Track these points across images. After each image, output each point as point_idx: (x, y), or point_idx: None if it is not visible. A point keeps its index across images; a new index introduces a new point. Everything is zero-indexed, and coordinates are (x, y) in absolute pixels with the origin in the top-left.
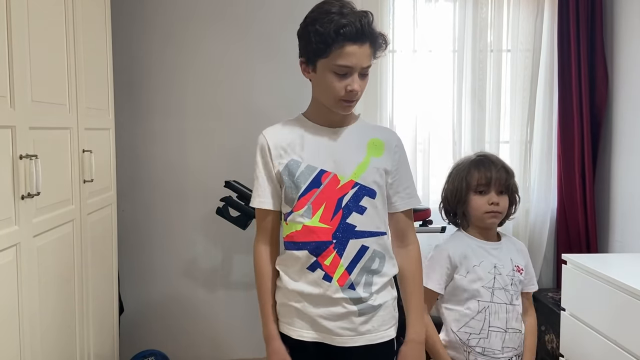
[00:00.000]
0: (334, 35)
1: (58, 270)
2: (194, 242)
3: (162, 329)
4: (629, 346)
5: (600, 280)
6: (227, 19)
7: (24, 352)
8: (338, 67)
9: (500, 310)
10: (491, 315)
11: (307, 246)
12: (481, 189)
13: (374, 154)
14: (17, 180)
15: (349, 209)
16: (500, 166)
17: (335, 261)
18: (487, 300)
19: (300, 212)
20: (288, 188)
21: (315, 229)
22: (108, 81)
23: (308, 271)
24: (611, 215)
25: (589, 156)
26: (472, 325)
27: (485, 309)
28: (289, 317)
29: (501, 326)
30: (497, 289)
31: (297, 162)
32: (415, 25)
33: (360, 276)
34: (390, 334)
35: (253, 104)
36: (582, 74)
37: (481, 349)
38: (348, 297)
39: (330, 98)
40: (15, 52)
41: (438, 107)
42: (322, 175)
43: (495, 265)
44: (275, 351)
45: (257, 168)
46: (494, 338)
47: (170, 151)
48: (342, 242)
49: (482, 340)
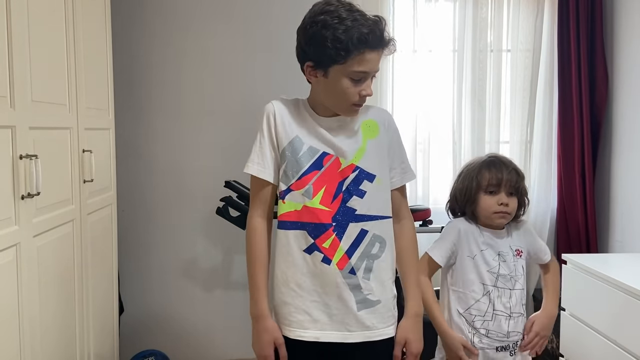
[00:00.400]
0: (357, 42)
1: (58, 270)
2: (194, 242)
3: (162, 329)
4: (629, 346)
5: (600, 280)
6: (227, 19)
7: (24, 352)
8: (355, 72)
9: (503, 294)
10: (495, 299)
11: (307, 227)
12: (491, 189)
13: (369, 135)
14: (17, 180)
15: (350, 193)
16: (511, 168)
17: (335, 244)
18: (490, 284)
19: (301, 191)
20: (289, 164)
21: (316, 210)
22: (108, 81)
23: (305, 253)
24: (611, 215)
25: (589, 156)
26: (477, 308)
27: (490, 293)
28: (285, 316)
29: (505, 310)
30: (502, 275)
31: (300, 141)
32: (415, 25)
33: (360, 261)
34: (389, 332)
35: (253, 104)
36: (582, 74)
37: (485, 330)
38: (348, 282)
39: (342, 103)
40: (15, 52)
41: (438, 107)
42: (324, 157)
43: (500, 252)
44: (266, 328)
45: (262, 135)
46: (498, 322)
47: (170, 151)
48: (342, 225)
49: (486, 323)
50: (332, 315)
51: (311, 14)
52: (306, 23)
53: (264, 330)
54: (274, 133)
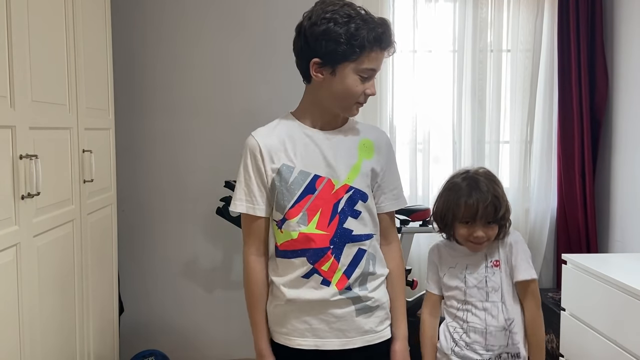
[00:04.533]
0: (372, 40)
1: (58, 270)
2: (194, 242)
3: (162, 329)
4: (629, 346)
5: (600, 280)
6: (227, 19)
7: (24, 352)
8: (365, 70)
9: (476, 307)
10: (468, 312)
11: (305, 254)
12: (467, 219)
13: (365, 155)
14: (17, 180)
15: (345, 214)
16: (489, 200)
17: (334, 266)
18: (461, 298)
19: (296, 219)
20: (280, 194)
21: (313, 236)
22: (108, 81)
23: (304, 279)
24: (611, 215)
25: (589, 156)
26: (456, 321)
27: (462, 306)
28: (286, 326)
29: (479, 323)
30: (470, 287)
31: (289, 168)
32: (415, 25)
33: (357, 279)
34: (387, 334)
35: (253, 104)
36: (582, 74)
37: (464, 343)
38: (346, 297)
39: (346, 101)
40: (15, 52)
41: (438, 107)
42: (316, 180)
43: (467, 265)
44: None
45: (246, 171)
46: (474, 334)
47: (170, 151)
48: (339, 246)
49: (464, 335)
50: (331, 323)
51: (317, 11)
52: (314, 19)
53: None
54: (262, 167)
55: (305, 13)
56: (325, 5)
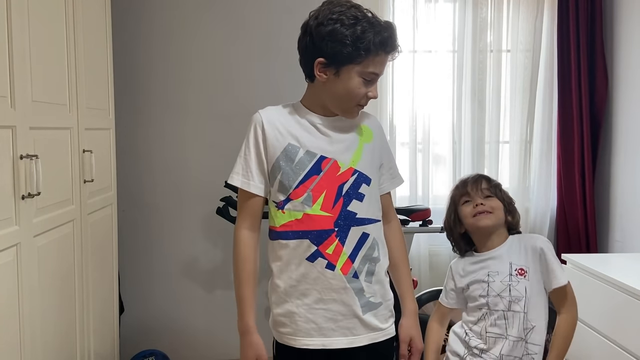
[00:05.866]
0: (378, 44)
1: (58, 270)
2: (194, 242)
3: (162, 329)
4: (629, 346)
5: (600, 280)
6: (228, 19)
7: (24, 352)
8: (369, 73)
9: (498, 316)
10: (488, 322)
11: (308, 235)
12: (465, 199)
13: (365, 140)
14: (18, 180)
15: (350, 197)
16: (478, 176)
17: (338, 249)
18: (484, 307)
19: (300, 199)
20: (285, 174)
21: (317, 217)
22: (108, 81)
23: (307, 262)
24: (611, 215)
25: (588, 156)
26: (474, 330)
27: (484, 316)
28: (291, 326)
29: (500, 332)
30: (492, 296)
31: (295, 147)
32: (415, 25)
33: (362, 264)
34: (391, 332)
35: (254, 104)
36: (582, 74)
37: (479, 350)
38: (351, 287)
39: (347, 103)
40: (15, 52)
41: (438, 107)
42: (322, 161)
43: (489, 273)
44: (251, 344)
45: (247, 147)
46: (492, 343)
47: (170, 151)
48: (344, 229)
49: (481, 344)
50: (338, 321)
51: (324, 11)
52: (321, 19)
53: (248, 345)
54: (261, 145)
55: (311, 12)
56: (332, 5)
